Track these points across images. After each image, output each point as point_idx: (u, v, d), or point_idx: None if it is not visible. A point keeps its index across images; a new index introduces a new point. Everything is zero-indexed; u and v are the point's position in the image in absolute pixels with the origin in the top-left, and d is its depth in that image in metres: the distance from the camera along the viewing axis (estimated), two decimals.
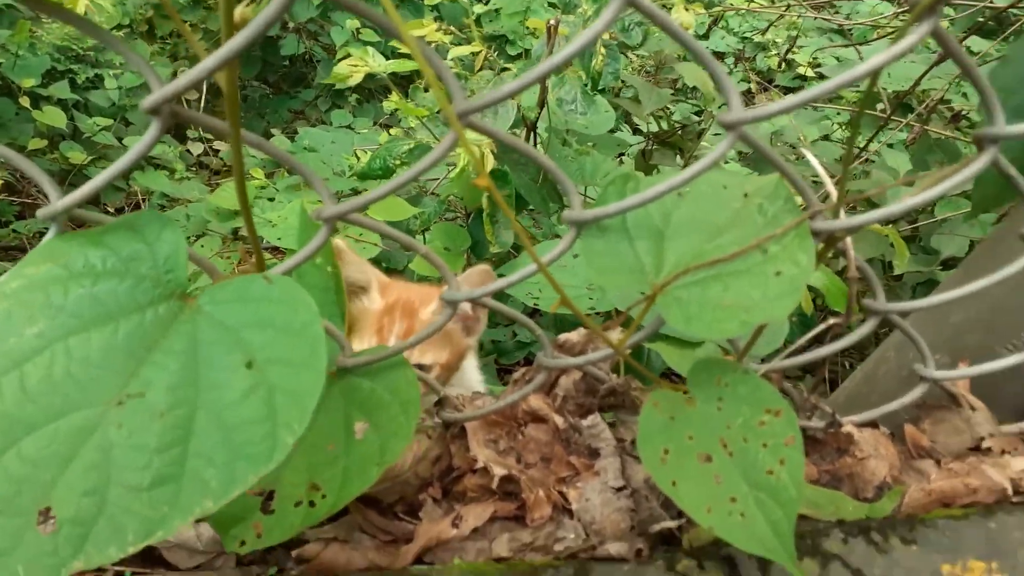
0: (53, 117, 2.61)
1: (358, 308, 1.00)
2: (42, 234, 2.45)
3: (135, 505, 0.44)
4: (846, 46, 2.43)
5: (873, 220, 0.54)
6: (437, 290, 1.02)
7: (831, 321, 0.65)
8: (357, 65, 1.11)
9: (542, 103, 1.38)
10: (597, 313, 1.22)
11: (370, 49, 1.15)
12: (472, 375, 1.12)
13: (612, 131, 1.75)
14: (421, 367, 1.00)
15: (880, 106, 1.69)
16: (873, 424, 0.77)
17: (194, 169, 3.16)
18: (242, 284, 0.51)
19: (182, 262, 0.51)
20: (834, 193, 0.60)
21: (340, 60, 1.14)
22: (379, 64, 1.13)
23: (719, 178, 0.61)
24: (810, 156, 0.66)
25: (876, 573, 0.61)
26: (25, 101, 2.65)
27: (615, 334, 0.66)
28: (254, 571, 0.68)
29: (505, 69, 1.35)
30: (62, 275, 0.49)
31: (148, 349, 0.48)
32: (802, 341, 0.72)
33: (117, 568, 0.70)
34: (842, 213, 0.57)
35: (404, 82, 2.66)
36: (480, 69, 1.31)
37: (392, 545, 0.69)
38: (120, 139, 2.89)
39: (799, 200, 0.58)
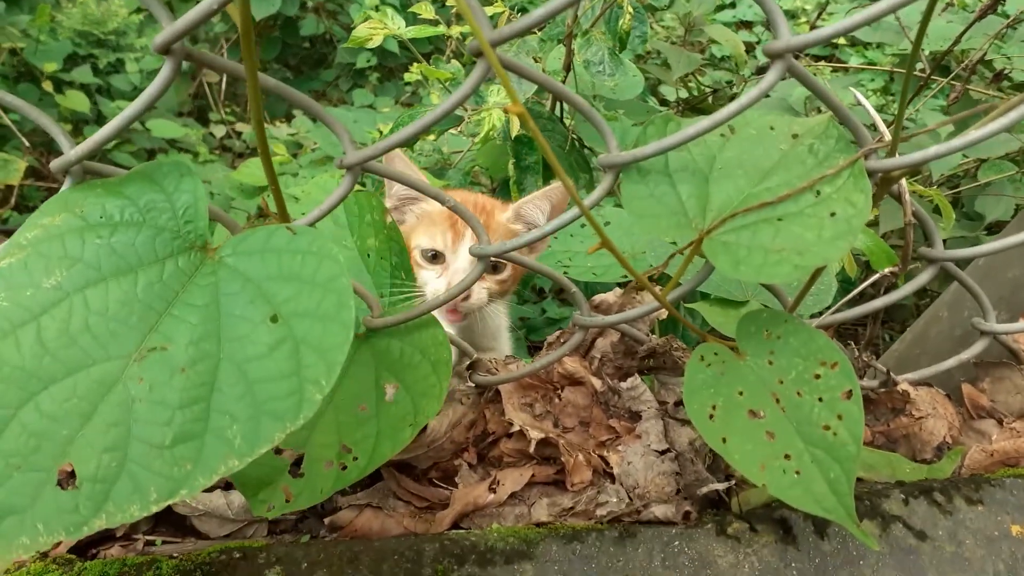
0: (76, 101, 2.61)
1: (419, 212, 0.97)
2: None
3: (157, 463, 0.41)
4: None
5: (932, 157, 0.50)
6: (498, 201, 1.01)
7: (881, 272, 0.61)
8: (376, 28, 1.07)
9: (568, 66, 1.34)
10: (629, 282, 1.18)
11: (389, 11, 1.12)
12: (504, 337, 1.10)
13: (641, 101, 1.70)
14: (498, 263, 0.96)
15: (919, 66, 1.62)
16: (927, 385, 0.73)
17: (217, 152, 3.15)
18: (265, 235, 0.48)
19: (202, 212, 0.49)
20: (885, 132, 0.57)
21: (359, 24, 1.11)
22: (399, 27, 1.10)
23: (766, 119, 0.57)
24: (860, 97, 0.62)
25: (940, 534, 0.57)
26: (48, 86, 2.66)
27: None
28: (286, 539, 0.67)
29: (530, 33, 1.31)
30: (79, 225, 0.47)
31: (168, 302, 0.46)
32: (854, 293, 0.68)
33: (148, 537, 0.69)
34: (897, 154, 0.54)
35: (423, 59, 2.63)
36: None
37: (428, 511, 0.66)
38: (143, 123, 2.88)
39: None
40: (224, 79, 3.39)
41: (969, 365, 0.78)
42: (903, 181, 0.56)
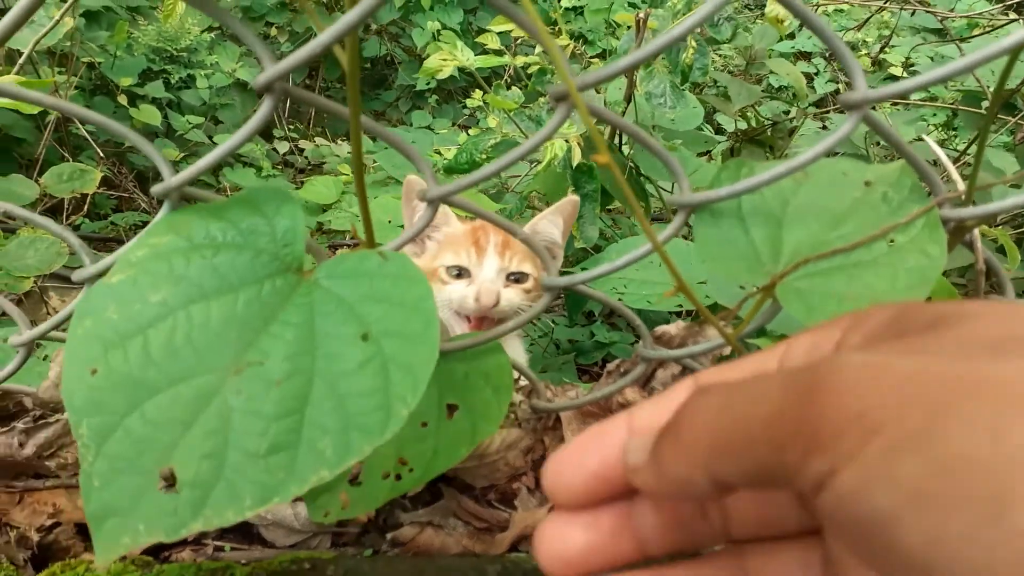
0: (149, 115, 2.72)
1: (441, 237, 1.03)
2: (137, 227, 2.56)
3: (252, 471, 0.44)
4: (942, 43, 2.32)
5: (1009, 208, 0.51)
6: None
7: None
8: (447, 59, 1.11)
9: (629, 98, 1.36)
10: (688, 313, 1.19)
11: (459, 43, 1.16)
12: (518, 349, 1.14)
13: (698, 131, 1.71)
14: (521, 275, 1.03)
15: (984, 103, 1.60)
16: None
17: (280, 167, 3.25)
18: (358, 260, 0.51)
19: (300, 236, 0.52)
20: (959, 181, 0.57)
21: (429, 56, 1.15)
22: (467, 58, 1.14)
23: (839, 165, 0.58)
24: (932, 143, 0.63)
25: None
26: (123, 99, 2.78)
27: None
28: (349, 552, 0.69)
29: (592, 63, 1.34)
30: (184, 246, 0.50)
31: (266, 320, 0.49)
32: None
33: (217, 543, 0.72)
34: (972, 203, 0.54)
35: (482, 80, 2.68)
36: (596, 68, 1.31)
37: (486, 532, 0.68)
38: (210, 137, 2.99)
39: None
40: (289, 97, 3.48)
41: None
42: (976, 230, 0.56)
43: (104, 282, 0.48)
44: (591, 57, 1.40)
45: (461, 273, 1.00)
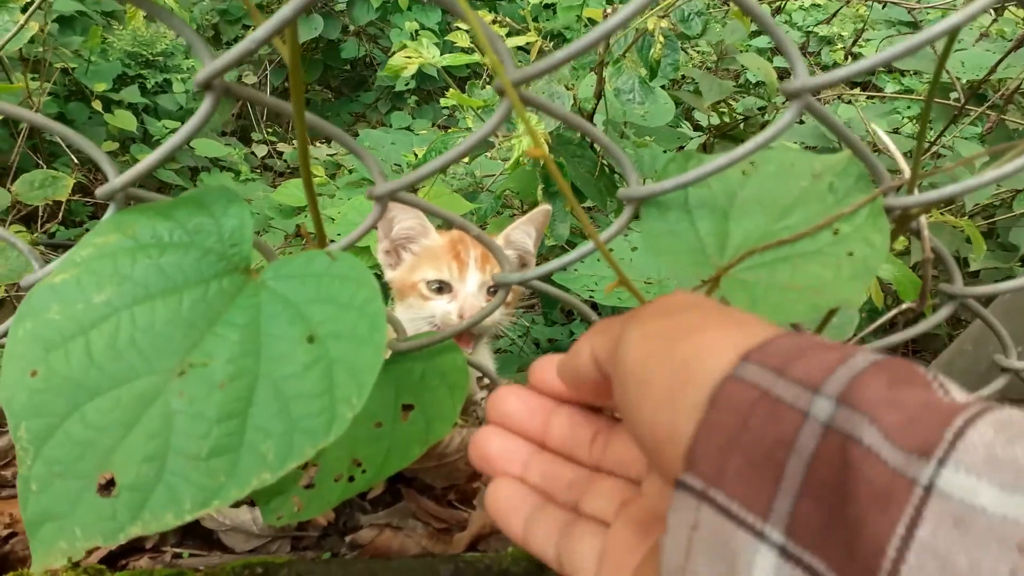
0: (124, 120, 2.70)
1: (418, 249, 1.02)
2: None
3: (193, 474, 0.43)
4: (915, 35, 2.33)
5: (949, 194, 0.51)
6: (498, 234, 1.05)
7: (903, 305, 0.61)
8: (412, 57, 1.11)
9: (599, 94, 1.36)
10: None
11: (425, 40, 1.15)
12: (484, 350, 1.13)
13: (673, 126, 1.72)
14: (496, 292, 1.01)
15: (953, 95, 1.61)
16: None
17: (258, 171, 3.23)
18: (305, 260, 0.51)
19: (247, 237, 0.52)
20: (907, 169, 0.57)
21: (395, 53, 1.14)
22: (433, 56, 1.13)
23: (786, 157, 0.58)
24: (880, 132, 0.63)
25: None
26: (97, 105, 2.75)
27: None
28: (308, 556, 0.69)
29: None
30: (130, 245, 0.49)
31: (211, 321, 0.48)
32: (873, 327, 0.69)
33: (175, 549, 0.71)
34: (916, 191, 0.55)
35: (460, 83, 2.68)
36: (535, 60, 1.31)
37: (446, 532, 0.68)
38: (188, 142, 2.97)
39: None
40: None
41: (997, 399, 0.77)
42: (922, 218, 0.56)
43: (47, 282, 0.47)
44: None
45: (442, 288, 0.99)
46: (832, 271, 0.49)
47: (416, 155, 2.04)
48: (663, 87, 1.61)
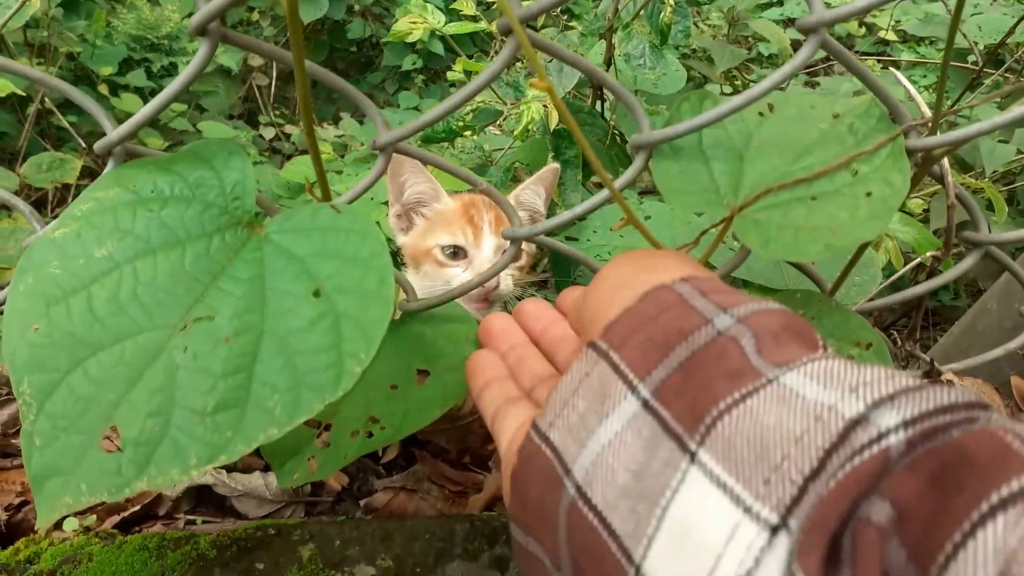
0: (130, 104, 2.69)
1: (430, 214, 0.99)
2: None
3: (199, 429, 0.42)
4: (931, 1, 2.29)
5: (976, 133, 0.49)
6: (509, 195, 1.02)
7: (922, 256, 0.60)
8: (416, 22, 1.09)
9: (609, 60, 1.34)
10: None
11: (429, 6, 1.13)
12: None
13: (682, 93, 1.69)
14: (516, 252, 0.99)
15: (971, 58, 1.58)
16: (975, 377, 0.71)
17: (267, 154, 3.22)
18: (310, 213, 0.49)
19: (250, 190, 0.50)
20: (927, 112, 0.55)
21: (399, 19, 1.12)
22: (438, 21, 1.10)
23: (806, 99, 0.56)
24: (900, 76, 0.61)
25: None
26: (104, 89, 2.74)
27: None
28: (324, 520, 0.68)
29: (569, 27, 1.31)
30: (131, 199, 0.48)
31: (214, 275, 0.47)
32: (888, 281, 0.67)
33: (189, 516, 0.71)
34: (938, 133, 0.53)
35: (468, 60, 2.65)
36: (543, 27, 1.28)
37: (461, 495, 0.67)
38: (194, 125, 2.96)
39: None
40: (274, 82, 3.46)
41: (1020, 358, 0.75)
42: (945, 162, 0.54)
43: (47, 236, 0.46)
44: (569, 22, 1.37)
45: (457, 253, 0.96)
46: (848, 211, 0.48)
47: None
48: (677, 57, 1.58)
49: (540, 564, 0.38)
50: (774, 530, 0.26)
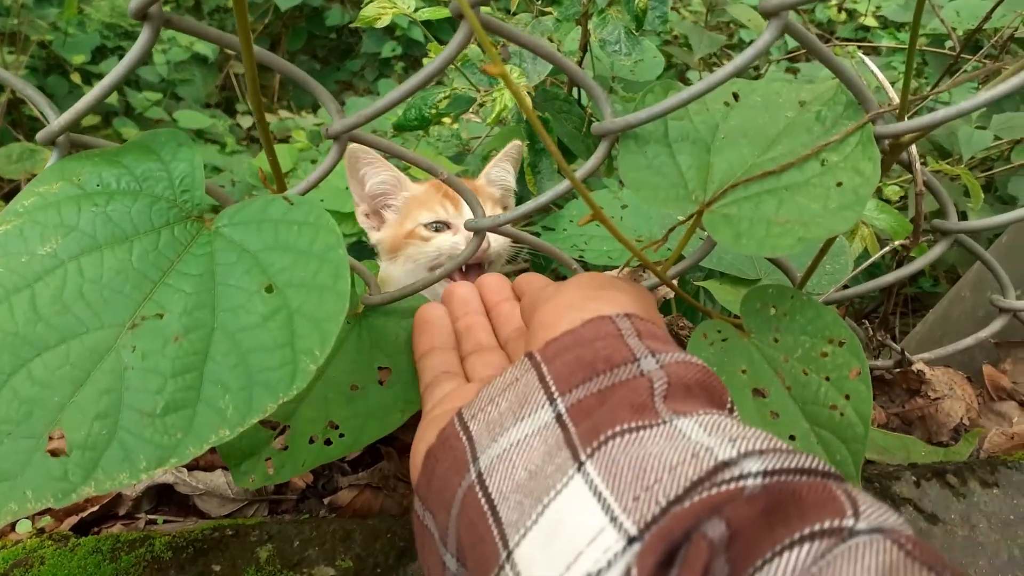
0: None
1: (401, 201, 0.97)
2: None
3: (148, 431, 0.41)
4: None
5: (942, 118, 0.48)
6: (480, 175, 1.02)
7: (894, 243, 0.59)
8: (385, 6, 1.06)
9: (584, 47, 1.32)
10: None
11: None
12: None
13: None
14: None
15: (948, 44, 1.57)
16: (947, 366, 0.71)
17: (244, 143, 3.18)
18: (262, 205, 0.48)
19: (199, 182, 0.49)
20: (895, 97, 0.54)
21: (368, 3, 1.09)
22: (408, 6, 1.08)
23: (771, 87, 0.55)
24: (868, 61, 0.60)
25: (953, 518, 0.55)
26: (76, 78, 2.69)
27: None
28: (286, 519, 0.67)
29: (545, 13, 1.30)
30: (76, 193, 0.47)
31: (164, 271, 0.46)
32: (860, 268, 0.66)
33: (150, 516, 0.69)
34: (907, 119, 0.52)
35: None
36: (516, 12, 1.26)
37: None
38: (170, 114, 2.92)
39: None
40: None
41: (992, 347, 0.75)
42: (913, 148, 0.54)
43: None
44: (544, 7, 1.35)
45: (439, 227, 0.94)
46: (820, 203, 0.47)
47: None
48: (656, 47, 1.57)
49: (431, 538, 0.42)
50: (631, 540, 0.29)
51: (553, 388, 0.38)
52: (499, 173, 1.00)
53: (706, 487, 0.30)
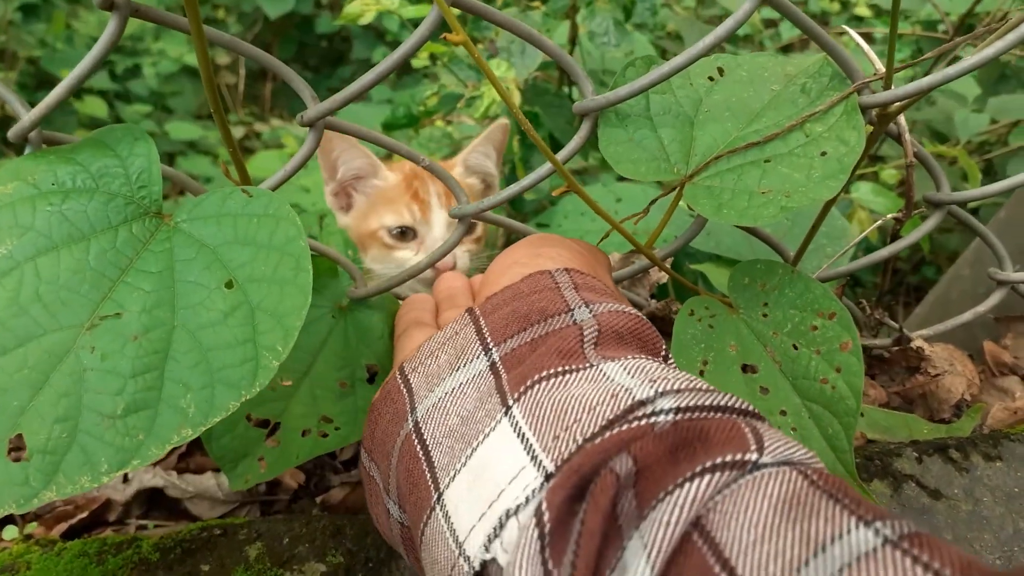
0: (94, 107, 2.63)
1: (370, 190, 0.91)
2: None
3: (109, 433, 0.40)
4: None
5: (928, 86, 0.46)
6: (454, 159, 0.95)
7: (887, 216, 0.57)
8: (368, 3, 1.05)
9: (573, 40, 1.31)
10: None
11: None
12: None
13: None
14: (471, 227, 0.92)
15: (942, 28, 1.55)
16: (946, 343, 0.69)
17: None
18: (220, 199, 0.47)
19: (156, 177, 0.47)
20: (880, 67, 0.53)
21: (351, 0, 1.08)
22: (392, 3, 1.07)
23: (758, 60, 0.54)
24: (852, 32, 0.59)
25: (956, 492, 0.53)
26: None
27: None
28: (279, 519, 0.65)
29: (531, 7, 1.28)
30: (31, 194, 0.45)
31: (122, 270, 0.44)
32: (851, 245, 0.64)
33: (140, 521, 0.68)
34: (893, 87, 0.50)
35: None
36: (505, 6, 1.25)
37: None
38: (161, 126, 2.91)
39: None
40: (243, 80, 3.41)
41: (993, 323, 0.73)
42: (901, 119, 0.52)
43: None
44: (531, 1, 1.33)
45: (405, 233, 0.88)
46: (804, 173, 0.45)
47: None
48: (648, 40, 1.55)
49: (376, 486, 0.43)
50: (548, 477, 0.31)
51: (489, 339, 0.40)
52: (478, 159, 0.92)
53: (619, 424, 0.31)
